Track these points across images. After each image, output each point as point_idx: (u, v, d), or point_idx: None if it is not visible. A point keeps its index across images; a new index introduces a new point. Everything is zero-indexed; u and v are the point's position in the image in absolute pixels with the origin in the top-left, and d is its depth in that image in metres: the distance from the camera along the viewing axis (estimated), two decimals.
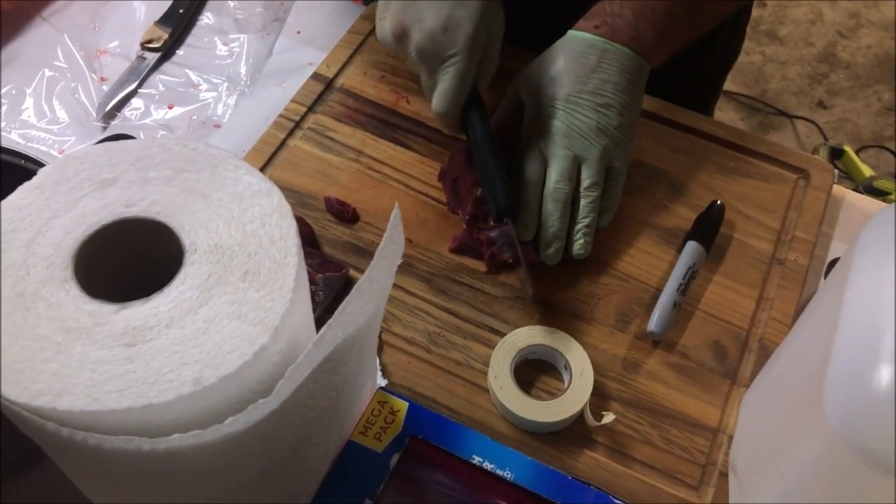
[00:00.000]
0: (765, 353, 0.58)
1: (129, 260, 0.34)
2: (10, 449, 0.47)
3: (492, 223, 0.63)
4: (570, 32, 0.64)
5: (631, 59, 0.62)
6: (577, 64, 0.62)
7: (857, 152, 1.84)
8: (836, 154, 1.82)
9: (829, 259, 0.66)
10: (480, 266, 0.63)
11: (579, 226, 0.61)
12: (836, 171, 1.77)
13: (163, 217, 0.33)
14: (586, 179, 0.61)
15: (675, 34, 0.64)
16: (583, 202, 0.61)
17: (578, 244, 0.61)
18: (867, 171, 1.77)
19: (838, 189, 0.70)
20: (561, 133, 0.61)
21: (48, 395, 0.28)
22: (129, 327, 0.30)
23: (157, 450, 0.28)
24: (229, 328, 0.30)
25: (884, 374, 0.33)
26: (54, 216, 0.33)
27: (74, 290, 0.31)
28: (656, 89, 0.70)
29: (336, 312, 0.30)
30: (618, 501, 0.45)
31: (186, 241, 0.32)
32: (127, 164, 0.34)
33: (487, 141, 0.61)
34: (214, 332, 0.30)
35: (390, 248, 0.32)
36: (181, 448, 0.28)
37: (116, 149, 0.35)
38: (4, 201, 0.33)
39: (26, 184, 0.33)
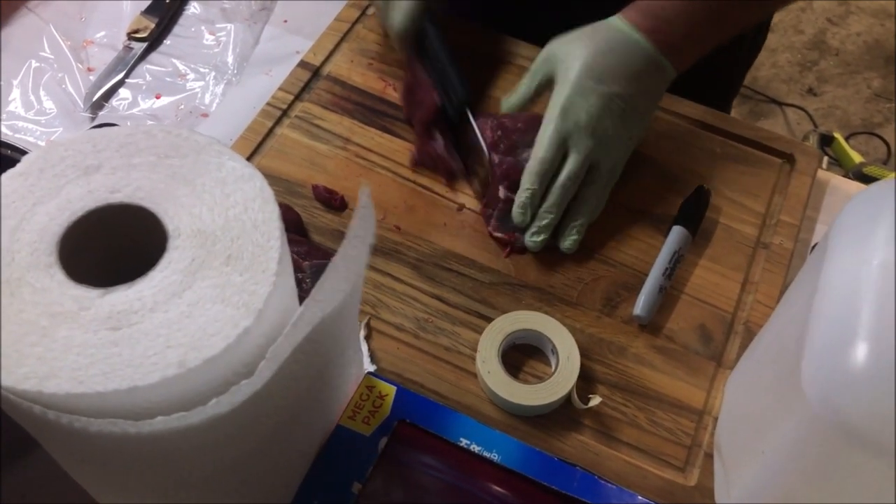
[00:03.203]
0: (750, 336, 0.59)
1: (114, 245, 0.34)
2: (9, 433, 0.48)
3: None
4: (615, 21, 0.63)
5: (668, 71, 0.63)
6: (619, 61, 0.61)
7: (846, 139, 1.85)
8: (826, 141, 1.83)
9: (813, 242, 0.67)
10: (470, 251, 0.63)
11: (576, 223, 0.62)
12: (826, 158, 1.79)
13: (147, 203, 0.33)
14: (595, 181, 0.62)
15: (705, 43, 0.64)
16: (584, 200, 0.62)
17: (571, 240, 0.62)
18: (857, 158, 1.77)
19: (823, 173, 0.71)
20: (589, 131, 0.60)
21: (34, 378, 0.28)
22: (113, 311, 0.30)
23: (141, 432, 0.28)
24: (213, 311, 0.30)
25: (860, 351, 0.34)
26: (39, 202, 0.33)
27: (59, 276, 0.31)
28: (682, 86, 0.70)
29: (313, 291, 0.30)
30: (602, 481, 0.46)
31: (170, 226, 0.33)
32: (111, 151, 0.34)
33: (444, 49, 0.64)
34: (198, 316, 0.30)
35: (362, 227, 0.32)
36: (166, 430, 0.29)
37: (101, 136, 0.35)
38: None
39: (10, 171, 0.34)
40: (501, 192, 0.62)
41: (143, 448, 0.30)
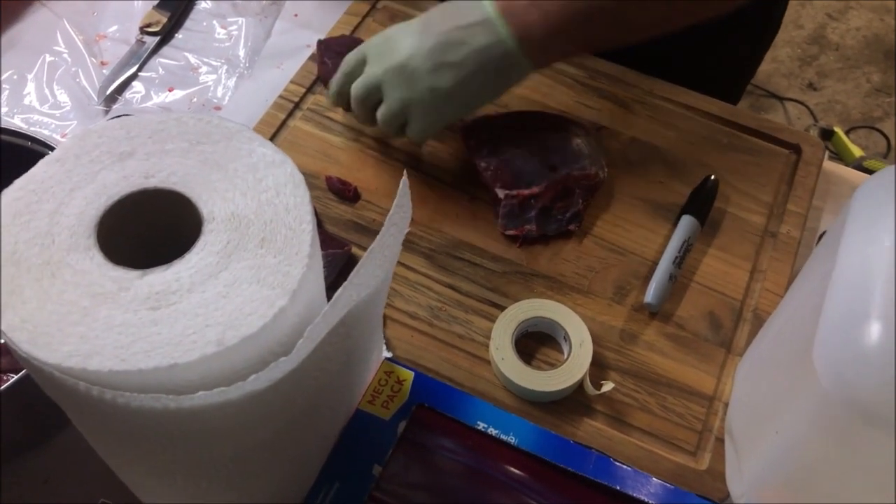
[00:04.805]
0: (758, 323, 0.60)
1: (149, 229, 0.35)
2: (9, 434, 0.49)
3: None
4: None
5: (499, 31, 0.58)
6: (451, 17, 0.60)
7: (846, 133, 1.86)
8: (826, 135, 1.84)
9: (820, 231, 0.68)
10: (482, 241, 0.64)
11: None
12: (827, 152, 1.79)
13: (180, 187, 0.34)
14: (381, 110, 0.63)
15: (576, 38, 0.60)
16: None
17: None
18: (857, 152, 1.79)
19: (829, 164, 0.72)
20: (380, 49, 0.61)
21: (78, 356, 0.29)
22: (152, 292, 0.31)
23: (182, 407, 0.29)
24: (249, 292, 0.31)
25: (874, 330, 0.35)
26: (76, 188, 0.34)
27: (98, 258, 0.32)
28: (690, 81, 0.70)
29: (350, 275, 0.31)
30: (618, 464, 0.47)
31: (204, 211, 0.34)
32: (144, 138, 0.35)
33: None
34: (235, 296, 0.31)
35: (399, 216, 0.33)
36: (205, 406, 0.30)
37: (133, 123, 0.36)
38: (27, 174, 0.34)
39: (47, 157, 0.34)
40: (500, 193, 0.63)
41: (181, 424, 0.31)
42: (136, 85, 0.75)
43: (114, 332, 0.30)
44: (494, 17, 0.58)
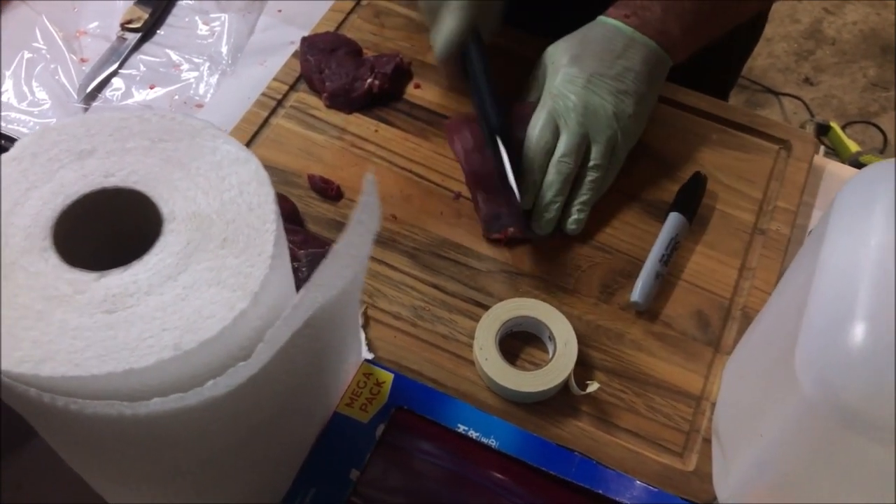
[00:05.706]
0: (747, 322, 0.59)
1: (109, 230, 0.34)
2: (7, 424, 0.48)
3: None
4: (600, 18, 0.66)
5: (655, 52, 0.64)
6: (602, 48, 0.64)
7: (843, 128, 1.85)
8: (823, 130, 1.83)
9: (810, 228, 0.67)
10: (467, 240, 0.63)
11: (577, 201, 0.62)
12: (823, 147, 1.79)
13: (141, 186, 0.33)
14: (593, 160, 0.62)
15: (700, 32, 0.67)
16: (584, 180, 0.62)
17: (573, 219, 0.62)
18: (853, 147, 1.78)
19: (820, 159, 0.71)
20: (578, 109, 0.61)
21: (30, 361, 0.28)
22: (108, 295, 0.30)
23: (138, 414, 0.28)
24: (209, 294, 0.30)
25: (857, 331, 0.34)
26: (32, 187, 0.33)
27: (54, 260, 0.31)
28: (681, 75, 0.70)
29: (313, 276, 0.30)
30: (601, 466, 0.46)
31: (165, 210, 0.33)
32: (105, 135, 0.34)
33: (482, 69, 0.63)
34: (194, 298, 0.30)
35: (366, 213, 0.32)
36: (162, 413, 0.29)
37: (94, 120, 0.35)
38: None
39: (3, 156, 0.33)
40: (480, 200, 0.63)
41: (139, 431, 0.30)
42: (117, 82, 0.74)
43: (68, 336, 0.29)
44: (637, 35, 0.64)
